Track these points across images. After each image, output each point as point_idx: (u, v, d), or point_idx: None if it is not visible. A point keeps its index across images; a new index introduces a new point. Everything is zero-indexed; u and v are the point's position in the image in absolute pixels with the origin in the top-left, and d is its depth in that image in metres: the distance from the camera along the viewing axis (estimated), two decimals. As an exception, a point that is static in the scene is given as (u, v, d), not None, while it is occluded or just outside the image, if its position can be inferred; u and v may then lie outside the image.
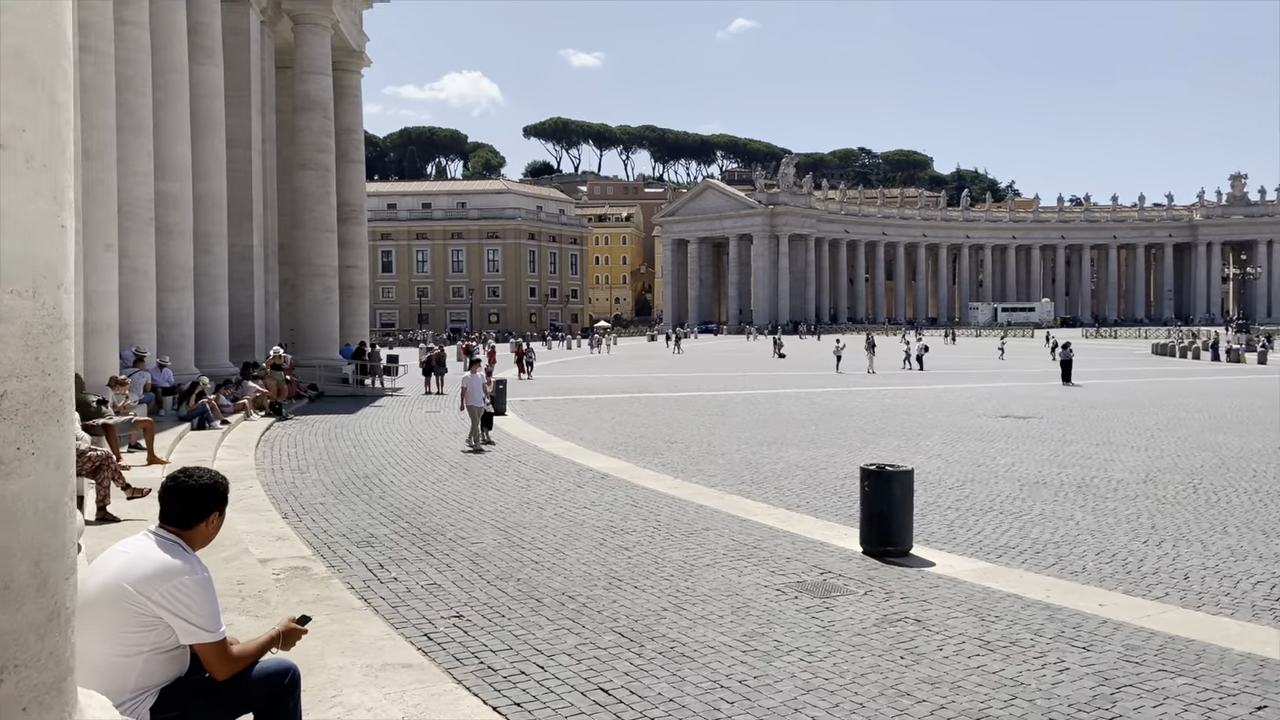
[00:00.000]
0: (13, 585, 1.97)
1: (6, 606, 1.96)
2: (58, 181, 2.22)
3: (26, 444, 2.00)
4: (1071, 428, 22.24)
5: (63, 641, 2.12)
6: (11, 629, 1.98)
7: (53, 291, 2.14)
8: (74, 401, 2.36)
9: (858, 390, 34.35)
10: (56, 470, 2.11)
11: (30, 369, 2.01)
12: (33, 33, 2.14)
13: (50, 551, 2.07)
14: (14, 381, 1.97)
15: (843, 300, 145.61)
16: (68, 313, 2.25)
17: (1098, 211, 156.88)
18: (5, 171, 2.08)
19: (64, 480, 2.17)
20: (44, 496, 2.06)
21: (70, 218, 2.33)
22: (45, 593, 2.06)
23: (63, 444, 2.13)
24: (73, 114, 2.37)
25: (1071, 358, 38.25)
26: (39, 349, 2.04)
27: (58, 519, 2.11)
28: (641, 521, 11.72)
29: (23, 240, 2.06)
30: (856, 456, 17.45)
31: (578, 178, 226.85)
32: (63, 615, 2.13)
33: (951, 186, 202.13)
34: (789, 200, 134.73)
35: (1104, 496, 13.55)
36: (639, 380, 40.10)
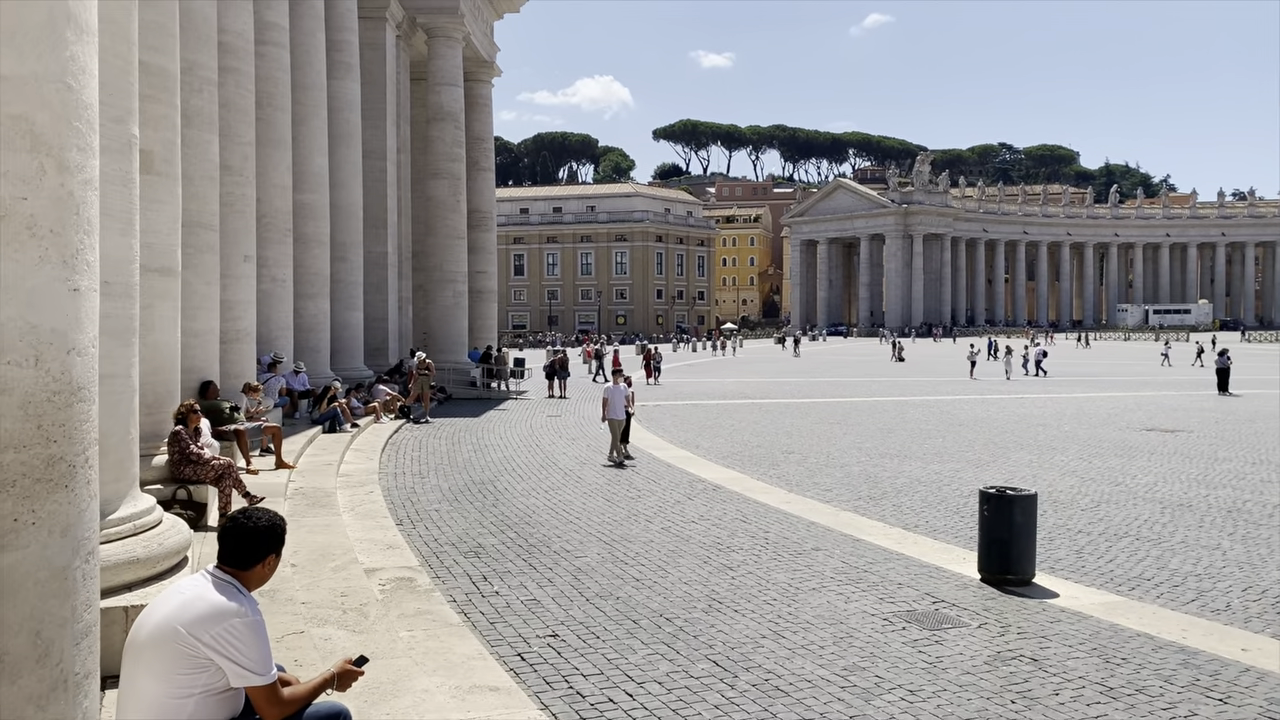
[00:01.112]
0: (8, 658, 2.01)
1: (2, 679, 2.00)
2: (68, 245, 2.26)
3: (25, 514, 2.04)
4: (1225, 443, 20.68)
5: (70, 709, 2.15)
6: (9, 701, 2.02)
7: (60, 358, 2.17)
8: (94, 463, 2.40)
9: (991, 399, 32.97)
10: (64, 537, 2.15)
11: (31, 438, 2.05)
12: (36, 100, 2.17)
13: (55, 620, 2.11)
14: (11, 453, 2.01)
15: (980, 302, 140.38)
16: (83, 375, 2.28)
17: (1264, 206, 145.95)
18: (5, 241, 2.12)
19: (74, 545, 2.21)
20: (46, 566, 2.10)
21: (87, 278, 2.36)
22: (47, 663, 2.10)
23: (71, 510, 2.17)
24: (95, 174, 2.40)
25: (1229, 365, 35.64)
26: (42, 417, 2.08)
27: (65, 586, 2.15)
28: (749, 539, 11.50)
29: (23, 309, 2.10)
30: (984, 472, 16.70)
31: (706, 179, 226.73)
32: (71, 683, 2.16)
33: (1099, 182, 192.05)
34: (924, 199, 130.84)
35: (1257, 523, 12.50)
36: (762, 385, 39.65)
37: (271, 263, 20.37)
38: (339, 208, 26.18)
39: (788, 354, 72.25)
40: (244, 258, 17.01)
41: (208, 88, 13.59)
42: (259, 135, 18.90)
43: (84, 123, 2.32)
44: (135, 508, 5.94)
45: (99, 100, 2.35)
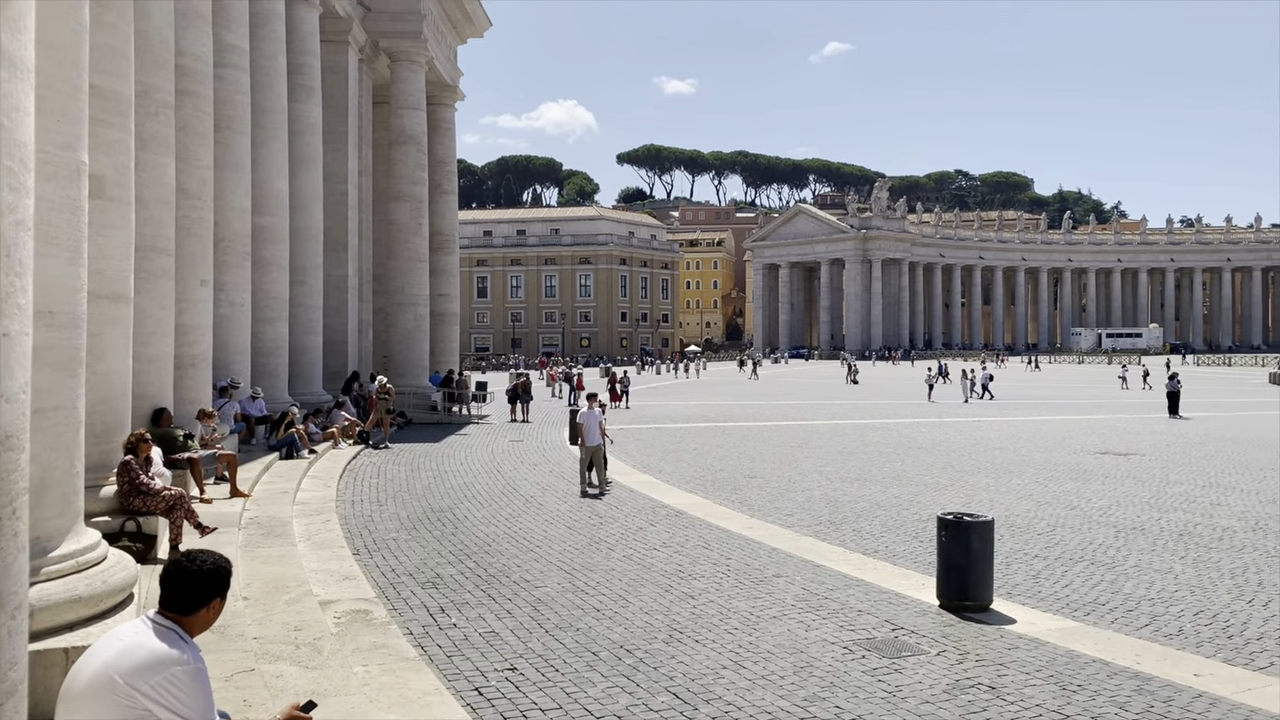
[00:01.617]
0: None
1: None
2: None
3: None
4: (1176, 466, 21.07)
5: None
6: None
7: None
8: (23, 514, 2.32)
9: (949, 422, 33.32)
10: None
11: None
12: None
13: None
14: None
15: (938, 325, 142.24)
16: (12, 423, 2.20)
17: (1210, 233, 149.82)
18: None
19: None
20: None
21: (18, 322, 2.26)
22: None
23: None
24: (28, 213, 2.32)
25: (1179, 389, 36.38)
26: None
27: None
28: (711, 566, 11.47)
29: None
30: (942, 496, 16.85)
31: (670, 203, 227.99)
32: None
33: (1053, 208, 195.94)
34: (882, 224, 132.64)
35: (1208, 547, 12.72)
36: (725, 408, 39.75)
37: (229, 287, 20.08)
38: (299, 231, 25.92)
39: (749, 376, 72.53)
40: (201, 282, 16.75)
41: (164, 111, 13.41)
42: (218, 158, 18.68)
43: (17, 161, 2.25)
44: (78, 544, 5.78)
45: (45, 128, 2.30)
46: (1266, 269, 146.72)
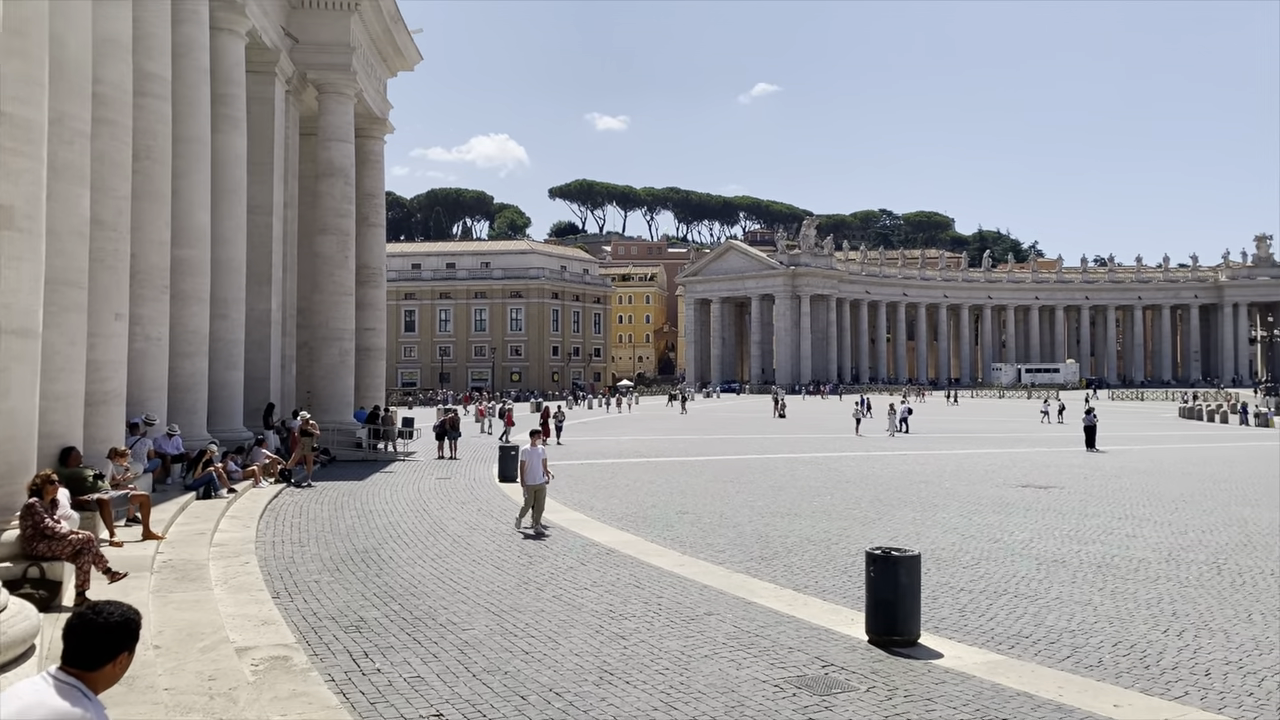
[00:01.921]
0: None
1: None
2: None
3: None
4: (1093, 499, 21.67)
5: None
6: None
7: None
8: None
9: (877, 455, 33.82)
10: None
11: None
12: None
13: None
14: None
15: (864, 360, 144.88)
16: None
17: (1122, 272, 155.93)
18: None
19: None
20: None
21: None
22: None
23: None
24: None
25: (1096, 423, 37.57)
26: None
27: None
28: (643, 605, 11.37)
29: None
30: (870, 530, 17.04)
31: (602, 238, 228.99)
32: None
33: (973, 247, 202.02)
34: (810, 261, 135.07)
35: (1124, 578, 13.07)
36: (657, 443, 39.76)
37: (146, 320, 19.47)
38: (221, 263, 25.33)
39: (678, 411, 72.71)
40: (115, 316, 16.20)
41: (79, 139, 12.99)
42: (136, 189, 18.15)
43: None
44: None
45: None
46: (1174, 307, 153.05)
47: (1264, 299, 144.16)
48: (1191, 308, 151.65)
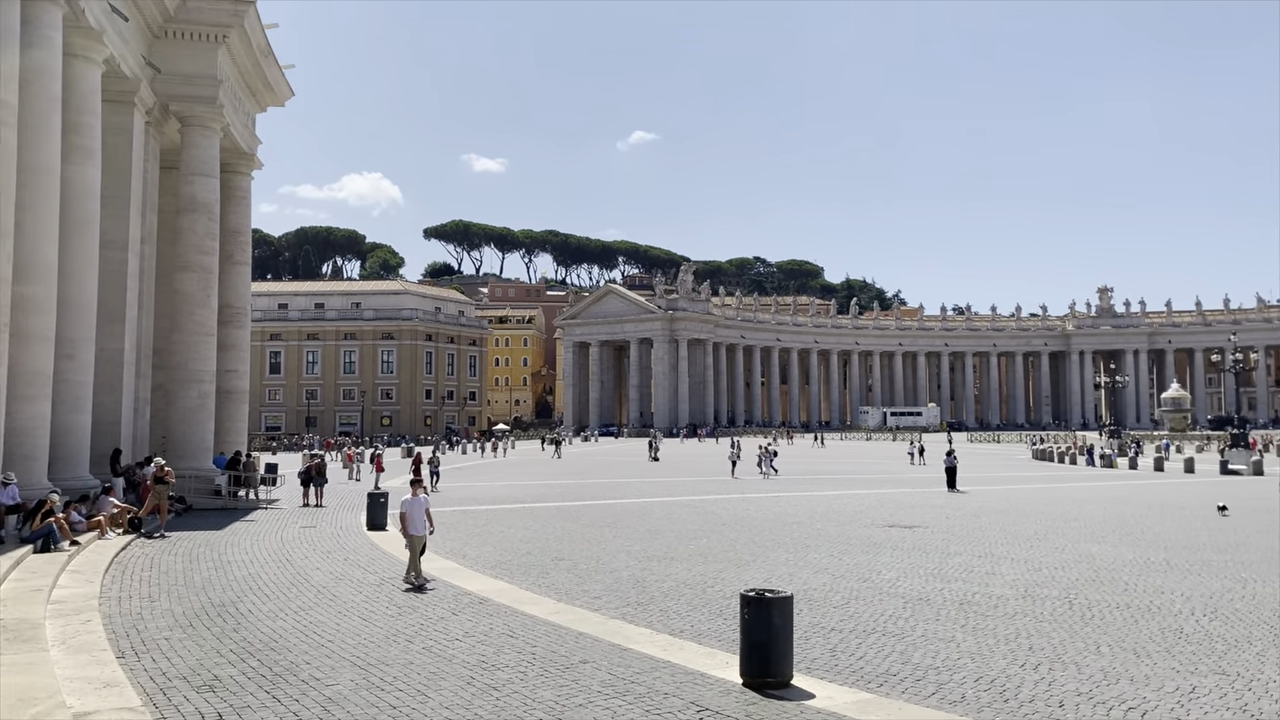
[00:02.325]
0: None
1: None
2: None
3: None
4: (955, 538, 22.52)
5: None
6: None
7: None
8: None
9: (752, 498, 34.33)
10: None
11: None
12: None
13: None
14: None
15: (740, 403, 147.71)
16: None
17: (978, 320, 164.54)
18: None
19: None
20: None
21: None
22: None
23: None
24: None
25: (956, 464, 39.19)
26: None
27: None
28: (516, 654, 11.11)
29: None
30: (745, 572, 17.21)
31: (479, 280, 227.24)
32: None
33: (842, 295, 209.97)
34: (688, 306, 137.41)
35: (985, 614, 13.57)
36: (534, 489, 39.30)
37: (-20, 360, 18.10)
38: (69, 301, 23.84)
39: (552, 456, 71.99)
40: (-56, 355, 14.99)
41: (-92, 165, 12.07)
42: (-27, 220, 16.97)
43: None
44: None
45: None
46: (1026, 354, 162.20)
47: (1106, 347, 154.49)
48: (1042, 355, 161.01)
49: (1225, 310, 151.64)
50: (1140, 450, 68.78)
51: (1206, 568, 17.92)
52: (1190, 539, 22.34)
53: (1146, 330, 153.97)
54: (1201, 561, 18.70)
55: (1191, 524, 25.60)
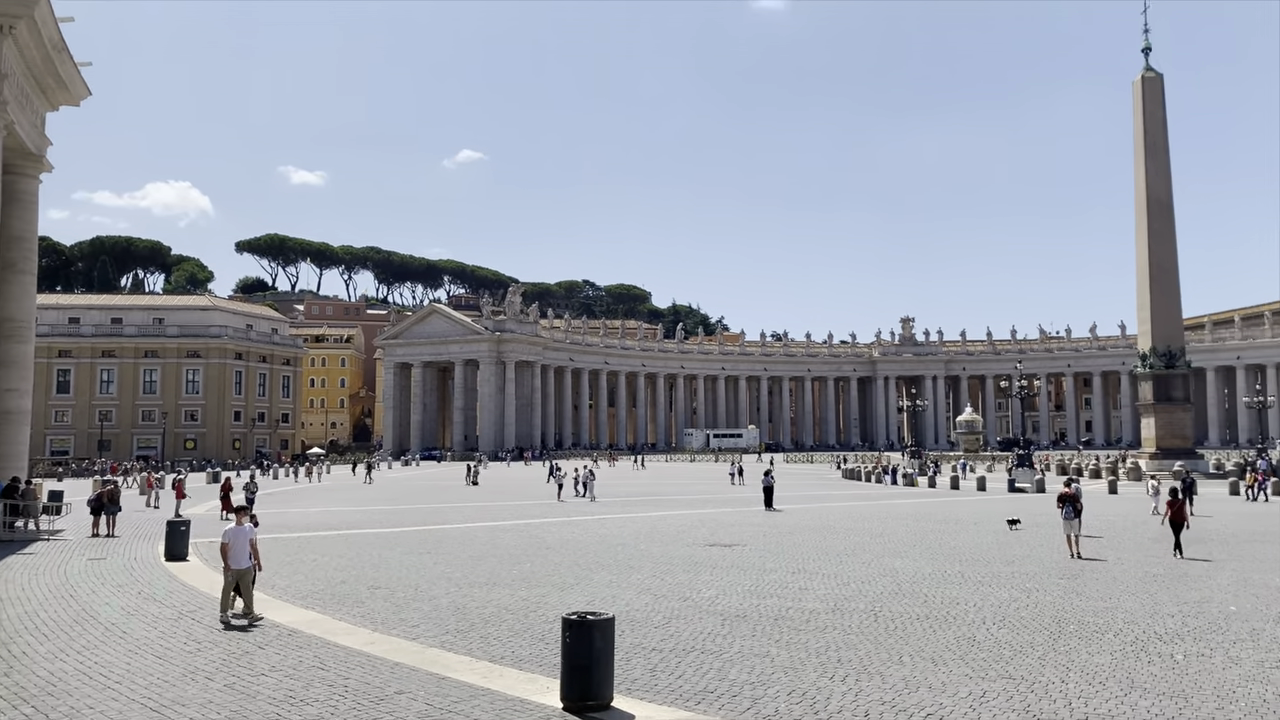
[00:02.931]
0: None
1: None
2: None
3: None
4: (771, 555, 23.30)
5: None
6: None
7: None
8: None
9: (577, 520, 34.35)
10: None
11: None
12: None
13: None
14: None
15: (568, 426, 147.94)
16: None
17: (794, 347, 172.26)
18: None
19: None
20: None
21: None
22: None
23: None
24: None
25: (773, 484, 40.65)
26: None
27: None
28: (327, 688, 10.61)
29: None
30: (569, 595, 17.16)
31: (294, 296, 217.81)
32: None
33: (668, 320, 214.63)
34: (516, 328, 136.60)
35: (798, 629, 14.07)
36: (350, 515, 37.82)
37: None
38: None
39: (363, 481, 69.15)
40: None
41: None
42: None
43: None
44: None
45: None
46: (837, 379, 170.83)
47: (909, 373, 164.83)
48: (852, 380, 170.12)
49: (1012, 340, 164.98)
50: (938, 470, 73.52)
51: (996, 579, 19.31)
52: (982, 552, 24.03)
53: (944, 358, 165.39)
54: (992, 573, 20.14)
55: (983, 538, 27.55)
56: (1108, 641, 13.16)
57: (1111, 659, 12.10)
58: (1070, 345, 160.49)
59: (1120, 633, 13.77)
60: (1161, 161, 67.06)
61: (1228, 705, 9.99)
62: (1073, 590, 17.80)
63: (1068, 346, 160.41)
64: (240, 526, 15.57)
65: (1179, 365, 66.09)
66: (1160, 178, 66.87)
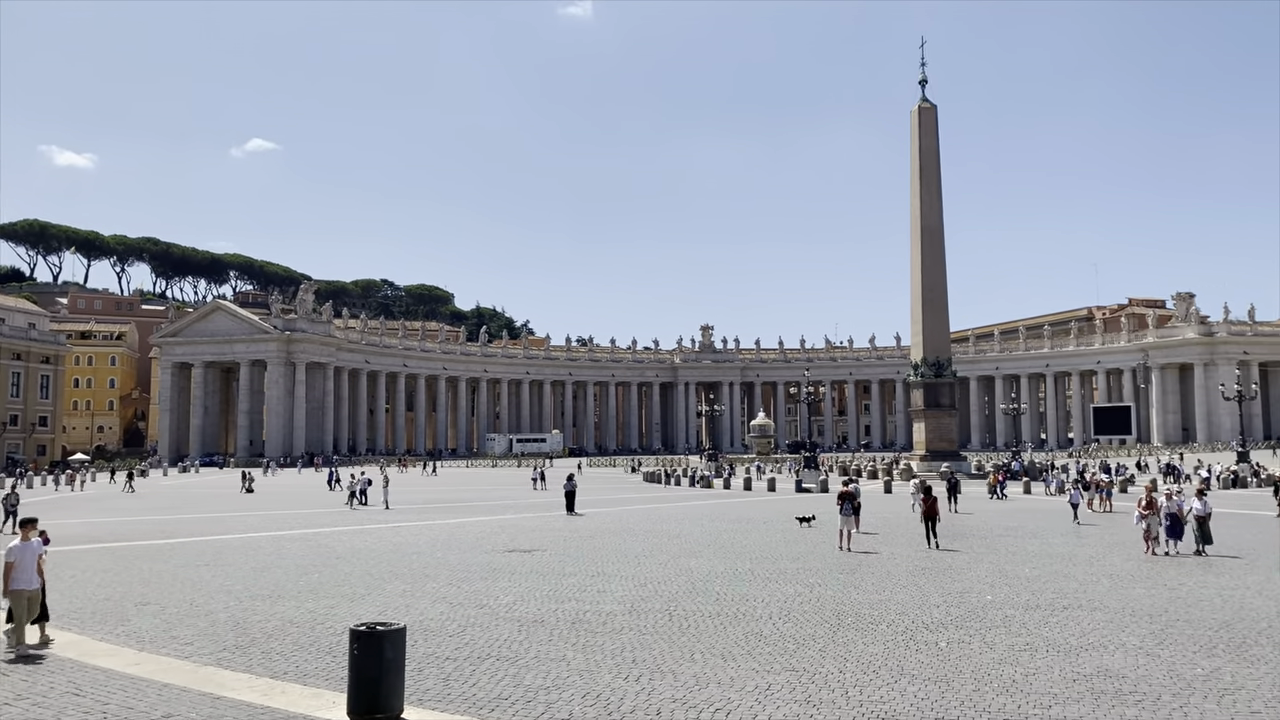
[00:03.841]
0: None
1: None
2: None
3: None
4: (571, 559, 23.39)
5: None
6: None
7: None
8: None
9: (370, 529, 33.18)
10: None
11: None
12: None
13: None
14: None
15: (363, 431, 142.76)
16: None
17: (599, 352, 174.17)
18: None
19: None
20: None
21: None
22: None
23: None
24: None
25: (575, 488, 40.86)
26: None
27: None
28: (82, 715, 9.69)
29: None
30: (359, 606, 16.53)
31: (57, 289, 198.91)
32: None
33: (471, 322, 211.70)
34: (307, 327, 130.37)
35: (594, 632, 14.17)
36: (118, 526, 34.84)
37: None
38: None
39: (122, 489, 63.09)
40: None
41: None
42: None
43: None
44: None
45: None
46: (640, 384, 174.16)
47: (708, 379, 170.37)
48: (654, 385, 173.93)
49: (802, 350, 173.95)
50: (733, 472, 76.38)
51: (783, 575, 20.23)
52: (771, 550, 25.12)
53: (740, 365, 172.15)
54: (779, 570, 21.09)
55: (773, 536, 28.82)
56: (881, 632, 14.06)
57: (884, 648, 12.92)
58: (853, 355, 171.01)
59: (892, 623, 14.74)
60: (934, 189, 72.72)
61: (983, 686, 10.88)
62: (851, 584, 18.91)
63: (850, 356, 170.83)
64: (26, 542, 13.76)
65: (946, 375, 71.83)
66: (932, 204, 72.49)
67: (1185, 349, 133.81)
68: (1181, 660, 12.10)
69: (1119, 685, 10.85)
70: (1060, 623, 14.70)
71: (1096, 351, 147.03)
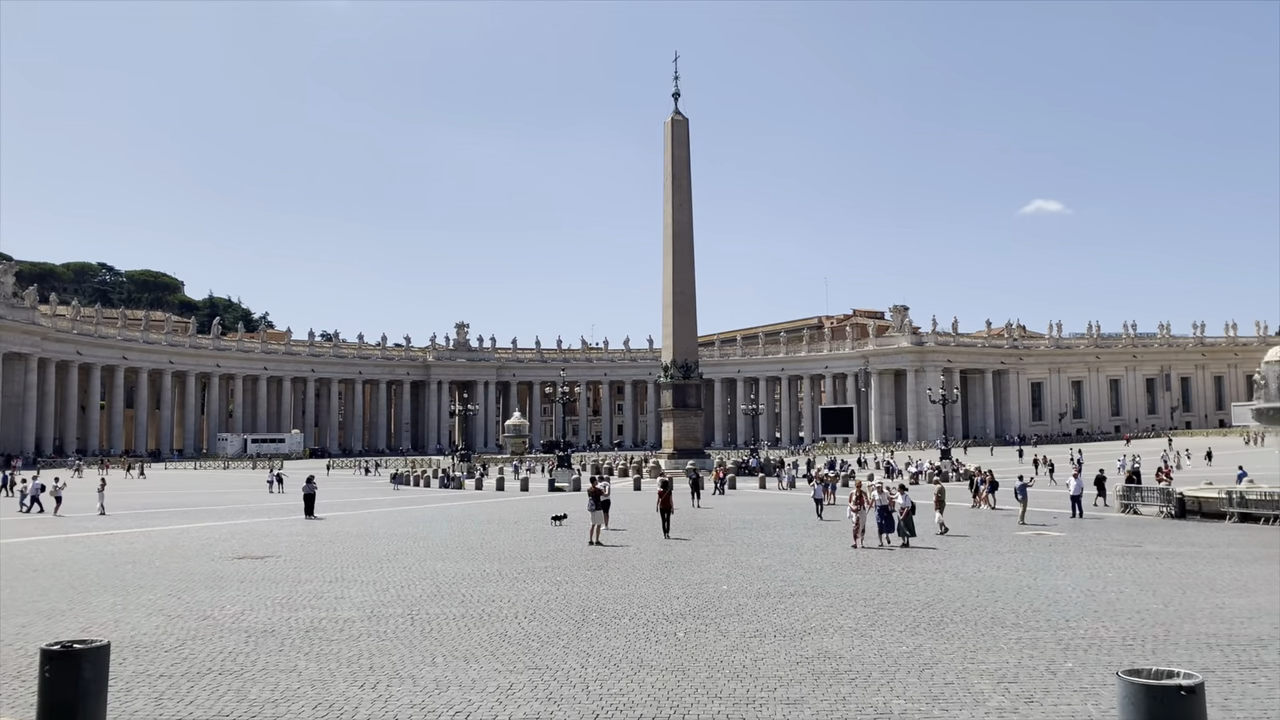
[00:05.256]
0: None
1: None
2: None
3: None
4: (308, 565, 22.22)
5: None
6: None
7: None
8: None
9: (78, 537, 29.90)
10: None
11: None
12: None
13: None
14: None
15: (72, 429, 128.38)
16: None
17: (346, 348, 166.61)
18: None
19: None
20: None
21: None
22: None
23: None
24: None
25: (315, 491, 38.86)
26: None
27: None
28: None
29: None
30: (59, 623, 14.83)
31: None
32: None
33: (204, 313, 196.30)
34: (7, 314, 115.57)
35: (330, 639, 13.50)
36: None
37: None
38: None
39: None
40: None
41: None
42: None
43: None
44: None
45: None
46: (390, 382, 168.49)
47: (462, 378, 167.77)
48: (405, 383, 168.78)
49: (558, 350, 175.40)
50: (485, 472, 75.78)
51: (531, 574, 20.24)
52: (520, 549, 25.09)
53: (496, 364, 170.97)
54: (528, 569, 21.09)
55: (523, 536, 28.80)
56: (624, 625, 14.38)
57: (626, 641, 13.22)
58: (607, 356, 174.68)
59: (635, 616, 15.13)
60: (685, 197, 75.76)
61: (716, 673, 11.38)
62: (597, 580, 19.24)
63: (605, 357, 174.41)
64: None
65: (694, 377, 75.08)
66: (683, 211, 75.52)
67: (899, 356, 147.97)
68: (890, 639, 13.25)
69: (836, 665, 11.71)
70: (787, 609, 15.68)
71: (825, 357, 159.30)
